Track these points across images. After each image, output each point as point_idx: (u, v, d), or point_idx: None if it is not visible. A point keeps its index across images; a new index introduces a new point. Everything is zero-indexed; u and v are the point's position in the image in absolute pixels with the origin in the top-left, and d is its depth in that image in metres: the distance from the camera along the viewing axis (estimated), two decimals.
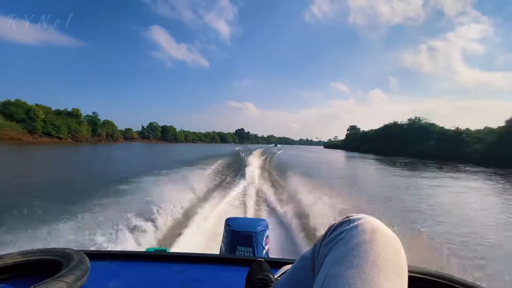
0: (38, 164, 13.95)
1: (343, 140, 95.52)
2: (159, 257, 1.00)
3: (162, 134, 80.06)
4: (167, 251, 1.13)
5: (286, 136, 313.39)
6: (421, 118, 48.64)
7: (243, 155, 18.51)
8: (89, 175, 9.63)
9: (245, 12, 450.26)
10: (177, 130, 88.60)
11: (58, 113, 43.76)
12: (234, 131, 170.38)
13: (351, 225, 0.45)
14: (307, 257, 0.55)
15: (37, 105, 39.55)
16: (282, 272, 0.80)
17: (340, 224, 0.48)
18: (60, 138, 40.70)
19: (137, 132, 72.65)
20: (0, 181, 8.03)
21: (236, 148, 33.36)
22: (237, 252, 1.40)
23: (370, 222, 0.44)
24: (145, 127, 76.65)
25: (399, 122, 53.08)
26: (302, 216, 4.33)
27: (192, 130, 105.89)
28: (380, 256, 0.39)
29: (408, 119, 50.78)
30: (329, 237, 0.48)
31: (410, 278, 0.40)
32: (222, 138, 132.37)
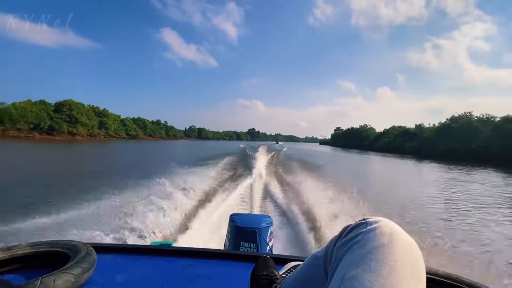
0: (161, 147, 34.70)
1: (331, 138, 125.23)
2: (164, 251, 1.03)
3: (198, 134, 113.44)
4: (172, 245, 1.17)
5: (292, 134, 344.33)
6: (367, 125, 78.27)
7: (249, 152, 19.86)
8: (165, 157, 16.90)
9: (251, 15, 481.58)
10: (169, 127, 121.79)
11: (152, 123, 76.95)
12: (247, 130, 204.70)
13: (368, 227, 0.45)
14: (320, 257, 0.55)
15: (144, 119, 72.67)
16: (287, 268, 0.81)
17: (356, 226, 0.47)
18: (155, 137, 73.75)
19: (183, 132, 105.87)
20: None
21: (241, 145, 34.65)
22: (240, 247, 1.42)
23: (388, 225, 0.44)
24: (187, 129, 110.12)
25: (354, 127, 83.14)
26: (304, 206, 4.50)
27: (211, 129, 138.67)
28: (398, 260, 0.38)
29: (360, 125, 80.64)
30: (344, 238, 0.47)
31: None
32: (237, 136, 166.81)
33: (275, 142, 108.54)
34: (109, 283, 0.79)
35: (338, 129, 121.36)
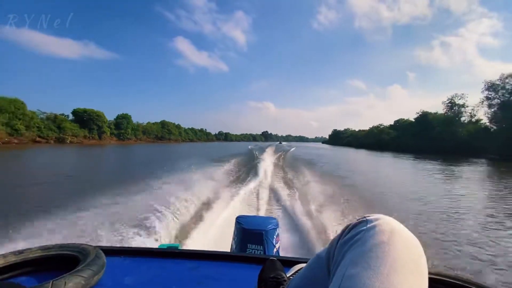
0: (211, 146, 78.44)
1: (328, 138, 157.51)
2: (172, 254, 1.04)
3: (225, 137, 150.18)
4: (179, 247, 1.18)
5: (302, 134, 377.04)
6: (349, 128, 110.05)
7: (256, 153, 20.21)
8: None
9: (258, 22, 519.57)
10: (207, 132, 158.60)
11: (199, 130, 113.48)
12: (261, 133, 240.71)
13: (368, 225, 0.45)
14: (322, 257, 0.55)
15: (195, 128, 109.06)
16: (294, 271, 0.82)
17: (357, 225, 0.47)
18: (201, 140, 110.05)
19: (215, 136, 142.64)
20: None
21: (249, 147, 37.50)
22: (247, 250, 1.42)
23: (388, 223, 0.44)
24: (217, 133, 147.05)
25: (341, 129, 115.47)
26: (306, 202, 4.56)
27: (227, 131, 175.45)
28: (399, 257, 0.38)
29: (344, 128, 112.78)
30: (345, 237, 0.47)
31: None
32: (253, 138, 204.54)
33: (278, 142, 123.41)
34: (118, 285, 0.81)
35: (334, 130, 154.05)
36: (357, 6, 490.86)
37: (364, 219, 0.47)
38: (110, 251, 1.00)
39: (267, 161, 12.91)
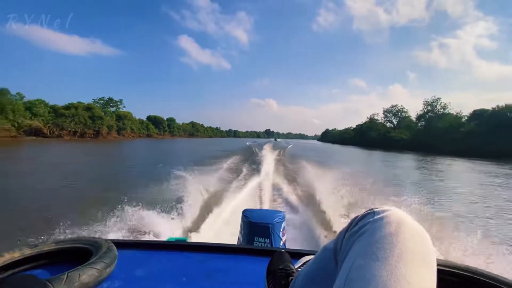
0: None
1: (321, 135, 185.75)
2: (181, 247, 1.06)
3: (234, 134, 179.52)
4: (187, 240, 1.21)
5: (302, 132, 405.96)
6: (336, 128, 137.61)
7: (255, 149, 21.62)
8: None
9: (260, 23, 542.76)
10: (221, 130, 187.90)
11: (215, 128, 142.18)
12: (264, 130, 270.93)
13: (375, 217, 0.45)
14: (330, 248, 0.56)
15: (213, 127, 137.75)
16: (302, 262, 0.83)
17: (364, 216, 0.48)
18: (217, 137, 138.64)
19: (226, 132, 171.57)
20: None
21: (247, 143, 38.41)
22: (254, 243, 1.44)
23: (395, 214, 0.45)
24: (227, 130, 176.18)
25: (330, 129, 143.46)
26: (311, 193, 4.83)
27: (234, 129, 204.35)
28: (406, 248, 0.39)
29: (332, 128, 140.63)
30: (353, 229, 0.48)
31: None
32: (257, 135, 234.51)
33: (274, 139, 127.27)
34: (130, 277, 0.83)
35: (326, 129, 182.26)
36: (355, 9, 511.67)
37: (372, 211, 0.48)
38: (121, 244, 1.02)
39: (266, 156, 15.04)
